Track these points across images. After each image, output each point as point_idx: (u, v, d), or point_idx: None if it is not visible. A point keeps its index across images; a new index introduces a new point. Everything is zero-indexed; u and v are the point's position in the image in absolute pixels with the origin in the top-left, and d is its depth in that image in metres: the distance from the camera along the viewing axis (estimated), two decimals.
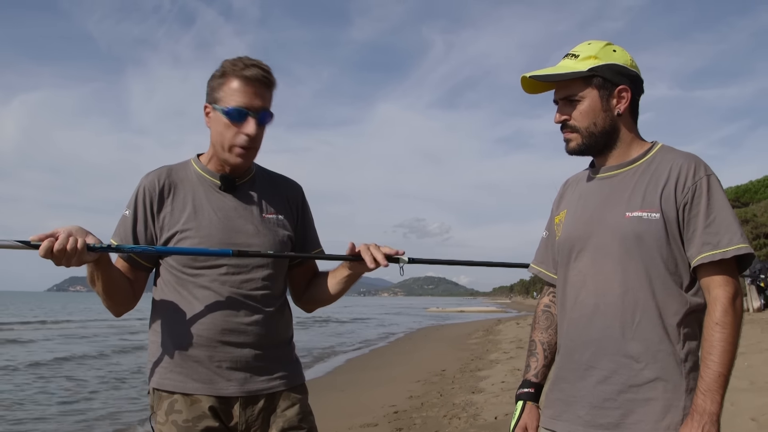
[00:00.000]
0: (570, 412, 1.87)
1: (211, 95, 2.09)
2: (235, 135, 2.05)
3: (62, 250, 1.78)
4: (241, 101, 2.03)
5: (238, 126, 2.04)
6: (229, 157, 2.09)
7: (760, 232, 25.09)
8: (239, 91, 2.03)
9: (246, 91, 2.03)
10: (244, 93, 2.03)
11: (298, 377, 2.19)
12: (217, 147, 2.09)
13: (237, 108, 2.03)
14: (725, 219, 1.76)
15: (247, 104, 2.03)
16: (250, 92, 2.04)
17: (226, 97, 2.04)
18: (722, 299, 1.72)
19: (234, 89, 2.03)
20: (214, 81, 2.08)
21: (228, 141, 2.06)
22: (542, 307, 2.15)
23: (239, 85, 2.03)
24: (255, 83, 2.04)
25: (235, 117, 2.03)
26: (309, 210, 2.33)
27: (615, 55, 1.91)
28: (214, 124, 2.08)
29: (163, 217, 2.10)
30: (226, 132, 2.05)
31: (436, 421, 7.10)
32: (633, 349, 1.78)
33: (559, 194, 2.13)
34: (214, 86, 2.08)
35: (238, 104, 2.03)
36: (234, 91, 2.03)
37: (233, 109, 2.03)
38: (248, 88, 2.03)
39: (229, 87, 2.04)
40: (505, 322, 29.81)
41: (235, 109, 2.03)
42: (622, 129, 1.92)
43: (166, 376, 2.05)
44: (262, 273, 2.10)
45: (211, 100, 2.09)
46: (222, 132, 2.06)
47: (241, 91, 2.03)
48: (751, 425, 5.30)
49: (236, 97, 2.03)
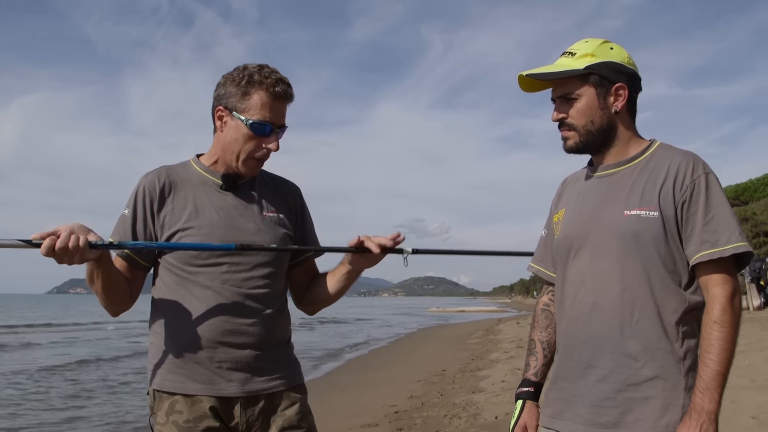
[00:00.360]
0: (570, 411, 1.87)
1: (229, 101, 2.07)
2: (256, 148, 2.07)
3: (64, 247, 1.78)
4: (268, 116, 2.05)
5: (260, 140, 2.07)
6: (241, 167, 2.10)
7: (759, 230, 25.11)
8: (267, 106, 2.05)
9: (273, 107, 2.06)
10: (272, 109, 2.06)
11: (298, 377, 2.19)
12: (229, 154, 2.10)
13: (263, 122, 2.05)
14: (724, 217, 1.75)
15: (273, 120, 2.06)
16: (277, 109, 2.07)
17: (251, 108, 2.05)
18: (720, 298, 1.72)
19: (263, 103, 2.05)
20: (234, 87, 2.07)
21: (246, 152, 2.07)
22: (541, 305, 2.15)
23: (268, 100, 2.05)
24: (281, 100, 2.08)
25: (260, 131, 2.06)
26: (307, 211, 2.34)
27: (612, 52, 1.91)
28: (231, 131, 2.08)
29: (163, 216, 2.10)
30: (246, 143, 2.06)
31: (437, 421, 7.10)
32: (632, 348, 1.78)
33: (557, 193, 2.13)
34: (233, 92, 2.07)
35: (265, 119, 2.05)
36: (262, 104, 2.05)
37: (259, 123, 2.05)
38: (275, 104, 2.07)
39: (256, 99, 2.05)
40: (506, 322, 29.82)
41: (261, 124, 2.05)
42: (620, 127, 1.92)
43: (166, 377, 2.05)
44: (263, 271, 2.10)
45: (230, 107, 2.07)
46: (240, 141, 2.07)
47: (269, 106, 2.05)
48: (752, 423, 5.30)
49: (264, 111, 2.05)
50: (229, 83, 2.08)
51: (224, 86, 2.09)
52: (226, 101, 2.08)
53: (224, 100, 2.08)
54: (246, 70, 2.07)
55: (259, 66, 2.08)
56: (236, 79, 2.07)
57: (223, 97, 2.09)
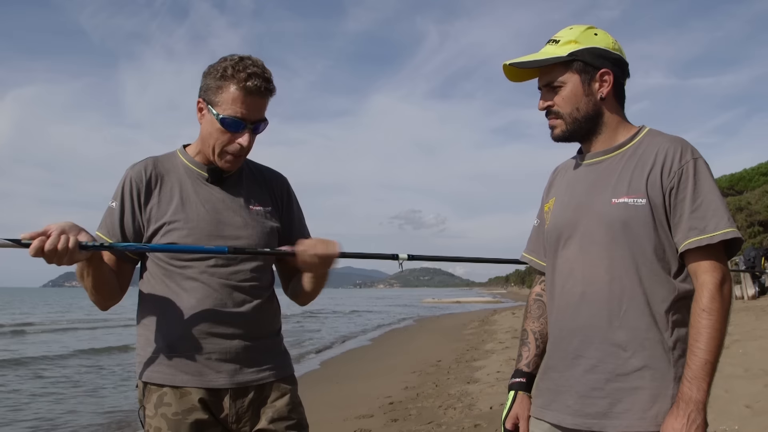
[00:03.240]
0: (558, 402, 1.85)
1: (206, 94, 2.05)
2: (229, 142, 2.03)
3: (53, 249, 1.75)
4: (238, 111, 2.00)
5: (232, 134, 2.02)
6: (217, 160, 2.07)
7: (754, 220, 25.18)
8: (238, 101, 1.99)
9: (245, 101, 2.00)
10: (243, 103, 1.99)
11: (288, 368, 2.18)
12: (206, 147, 2.08)
13: (233, 118, 2.00)
14: (712, 203, 1.73)
15: (245, 115, 2.00)
16: (249, 103, 2.00)
17: (223, 102, 2.00)
18: (709, 285, 1.70)
19: (233, 98, 1.99)
20: (211, 80, 2.03)
21: (219, 146, 2.04)
22: (534, 296, 2.14)
23: (239, 95, 1.99)
24: (255, 94, 2.01)
25: (231, 127, 2.01)
26: (296, 201, 2.32)
27: (596, 38, 1.89)
28: (207, 124, 2.06)
29: (150, 208, 2.08)
30: (220, 137, 2.03)
31: (432, 412, 7.11)
32: (620, 338, 1.76)
33: (548, 182, 2.12)
34: (210, 86, 2.03)
35: (235, 114, 2.00)
36: (233, 99, 1.99)
37: (229, 118, 2.00)
38: (248, 99, 2.00)
39: (227, 93, 2.00)
40: (501, 313, 29.88)
41: (231, 119, 2.00)
42: (606, 113, 1.90)
43: (155, 370, 2.04)
44: (250, 264, 2.09)
45: (206, 99, 2.05)
46: (214, 135, 2.04)
47: (240, 101, 1.99)
48: (746, 412, 5.32)
49: (235, 106, 1.99)
50: (210, 75, 2.05)
51: (205, 78, 2.06)
52: (205, 94, 2.06)
53: (203, 93, 2.06)
54: (225, 62, 2.03)
55: (240, 58, 2.03)
56: (214, 72, 2.03)
57: (203, 90, 2.06)
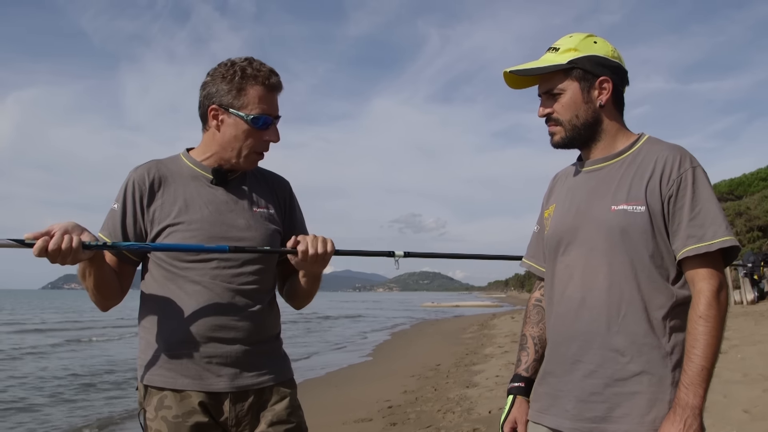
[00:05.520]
0: (557, 406, 1.87)
1: (223, 99, 2.06)
2: (257, 142, 2.08)
3: (57, 249, 1.77)
4: (267, 110, 2.07)
5: (262, 133, 2.08)
6: (242, 162, 2.10)
7: (753, 225, 25.17)
8: (264, 99, 2.07)
9: (269, 99, 2.08)
10: (268, 101, 2.07)
11: (287, 372, 2.19)
12: (229, 151, 2.09)
13: (263, 116, 2.06)
14: (710, 211, 1.75)
15: (271, 112, 2.08)
16: (271, 100, 2.09)
17: (249, 103, 2.05)
18: (706, 292, 1.71)
19: (260, 96, 2.06)
20: (226, 84, 2.05)
21: (248, 147, 2.08)
22: (533, 301, 2.15)
23: (264, 93, 2.06)
24: (276, 90, 2.10)
25: (261, 125, 2.06)
26: (297, 205, 2.33)
27: (595, 46, 1.91)
28: (229, 128, 2.07)
29: (153, 210, 2.08)
30: (247, 138, 2.07)
31: (431, 416, 7.11)
32: (618, 343, 1.78)
33: (548, 188, 2.13)
34: (226, 90, 2.05)
35: (263, 112, 2.06)
36: (260, 98, 2.06)
37: (261, 117, 2.06)
38: (269, 96, 2.08)
39: (253, 94, 2.05)
40: (500, 317, 29.87)
41: (262, 117, 2.06)
42: (606, 120, 1.91)
43: (155, 372, 2.04)
44: (252, 267, 2.09)
45: (225, 104, 2.06)
46: (240, 138, 2.07)
47: (265, 99, 2.06)
48: (744, 417, 5.32)
49: (262, 104, 2.06)
50: (219, 80, 2.07)
51: (214, 84, 2.08)
52: (219, 99, 2.07)
53: (217, 99, 2.07)
54: (235, 65, 2.06)
55: (247, 60, 2.08)
56: (227, 76, 2.05)
57: (216, 95, 2.07)
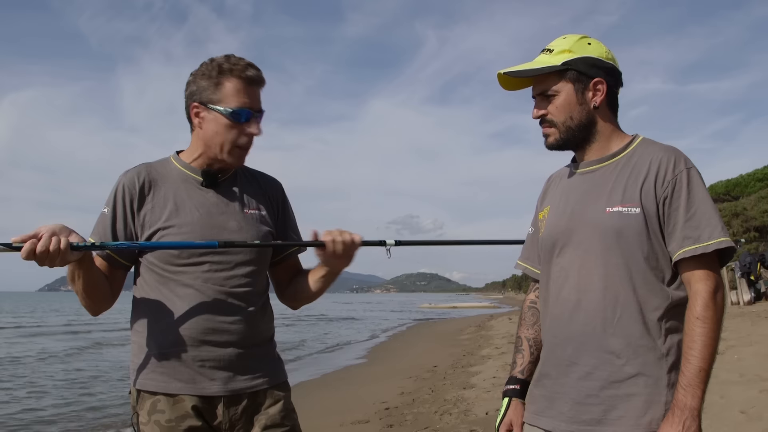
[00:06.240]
0: (553, 408, 1.86)
1: (203, 95, 2.06)
2: (239, 135, 2.06)
3: (45, 251, 1.76)
4: (245, 102, 2.04)
5: (241, 127, 2.05)
6: (227, 158, 2.08)
7: (750, 226, 25.21)
8: (242, 92, 2.04)
9: (248, 92, 2.05)
10: (247, 94, 2.05)
11: (281, 375, 2.17)
12: (213, 148, 2.08)
13: (242, 109, 2.04)
14: (706, 213, 1.75)
15: (251, 105, 2.05)
16: (252, 93, 2.06)
17: (226, 97, 2.03)
18: (703, 293, 1.71)
19: (237, 89, 2.04)
20: (205, 81, 2.06)
21: (230, 142, 2.06)
22: (528, 303, 2.15)
23: (241, 86, 2.04)
24: (254, 84, 2.07)
25: (242, 117, 2.04)
26: (290, 206, 2.32)
27: (590, 48, 1.90)
28: (210, 124, 2.06)
29: (143, 214, 2.07)
30: (228, 133, 2.05)
31: (428, 417, 7.10)
32: (614, 345, 1.77)
33: (543, 190, 2.13)
34: (205, 86, 2.05)
35: (242, 105, 2.04)
36: (237, 91, 2.03)
37: (239, 110, 2.03)
38: (248, 89, 2.05)
39: (228, 87, 2.04)
40: (498, 318, 29.89)
41: (241, 110, 2.03)
42: (600, 122, 1.91)
43: (148, 377, 2.03)
44: (245, 270, 2.08)
45: (204, 101, 2.06)
46: (222, 133, 2.05)
47: (243, 91, 2.04)
48: (741, 418, 5.32)
49: (240, 97, 2.04)
50: (199, 78, 2.07)
51: (195, 82, 2.08)
52: (199, 96, 2.06)
53: (197, 96, 2.07)
54: (214, 62, 2.07)
55: (226, 56, 2.08)
56: (206, 73, 2.06)
57: (196, 93, 2.07)
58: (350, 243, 2.06)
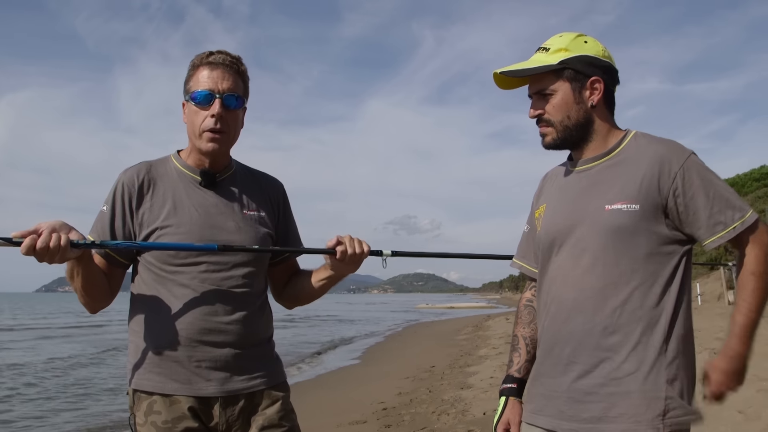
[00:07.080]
0: (551, 407, 1.85)
1: (184, 91, 2.11)
2: (204, 119, 2.06)
3: (45, 247, 1.75)
4: (206, 85, 2.05)
5: (205, 109, 2.05)
6: (202, 144, 2.08)
7: None
8: (206, 77, 2.06)
9: (212, 75, 2.06)
10: (210, 77, 2.06)
11: (279, 375, 2.16)
12: (191, 137, 2.10)
13: (202, 91, 2.05)
14: (723, 193, 1.79)
15: (212, 87, 2.05)
16: (216, 76, 2.06)
17: (194, 85, 2.07)
18: (756, 251, 1.78)
19: (202, 76, 2.06)
20: (186, 77, 2.11)
21: (198, 127, 2.06)
22: (524, 302, 2.14)
23: (205, 71, 2.07)
24: (220, 67, 2.08)
25: (201, 100, 2.05)
26: (290, 208, 2.32)
27: (586, 46, 1.90)
28: (188, 115, 2.10)
29: (142, 213, 2.07)
30: (196, 118, 2.06)
31: (425, 418, 7.10)
32: (613, 343, 1.77)
33: (539, 188, 2.12)
34: (185, 81, 2.11)
35: (203, 88, 2.05)
36: (202, 77, 2.06)
37: (198, 92, 2.05)
38: (214, 73, 2.07)
39: (196, 76, 2.07)
40: (495, 318, 29.91)
41: (200, 93, 2.05)
42: (597, 120, 1.90)
43: (144, 377, 2.02)
44: (242, 270, 2.07)
45: (184, 94, 2.11)
46: (192, 120, 2.07)
47: (207, 76, 2.06)
48: (738, 417, 5.33)
49: (203, 82, 2.06)
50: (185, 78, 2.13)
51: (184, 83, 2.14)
52: (183, 93, 2.12)
53: (184, 94, 2.12)
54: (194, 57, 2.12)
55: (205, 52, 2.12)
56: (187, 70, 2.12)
57: (184, 93, 2.12)
58: (360, 253, 2.07)
